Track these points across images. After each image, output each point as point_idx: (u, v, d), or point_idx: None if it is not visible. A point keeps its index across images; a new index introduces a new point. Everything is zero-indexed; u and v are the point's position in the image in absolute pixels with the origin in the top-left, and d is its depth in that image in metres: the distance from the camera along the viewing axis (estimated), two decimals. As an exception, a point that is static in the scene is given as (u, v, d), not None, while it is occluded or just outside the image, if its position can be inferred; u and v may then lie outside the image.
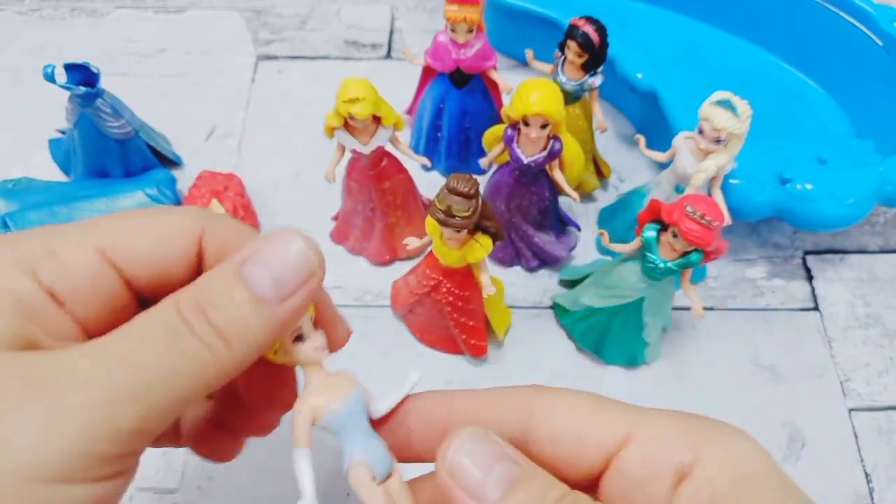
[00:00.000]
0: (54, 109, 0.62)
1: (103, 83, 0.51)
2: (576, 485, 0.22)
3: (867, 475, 0.45)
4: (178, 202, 0.54)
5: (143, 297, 0.23)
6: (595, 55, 0.48)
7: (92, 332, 0.22)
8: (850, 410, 0.47)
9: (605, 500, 0.22)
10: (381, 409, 0.25)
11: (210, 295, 0.20)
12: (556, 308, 0.50)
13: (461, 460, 0.21)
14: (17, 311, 0.20)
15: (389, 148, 0.47)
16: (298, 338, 0.23)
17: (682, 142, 0.46)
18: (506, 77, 0.52)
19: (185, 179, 0.56)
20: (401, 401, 0.25)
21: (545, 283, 0.53)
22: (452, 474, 0.21)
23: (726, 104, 0.42)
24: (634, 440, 0.21)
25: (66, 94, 0.52)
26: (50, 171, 0.58)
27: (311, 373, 0.24)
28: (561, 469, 0.22)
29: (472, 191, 0.37)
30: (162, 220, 0.23)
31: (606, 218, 0.55)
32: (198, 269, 0.24)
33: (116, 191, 0.52)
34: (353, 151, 0.46)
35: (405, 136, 0.59)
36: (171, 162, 0.58)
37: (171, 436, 0.28)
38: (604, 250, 0.53)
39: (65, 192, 0.51)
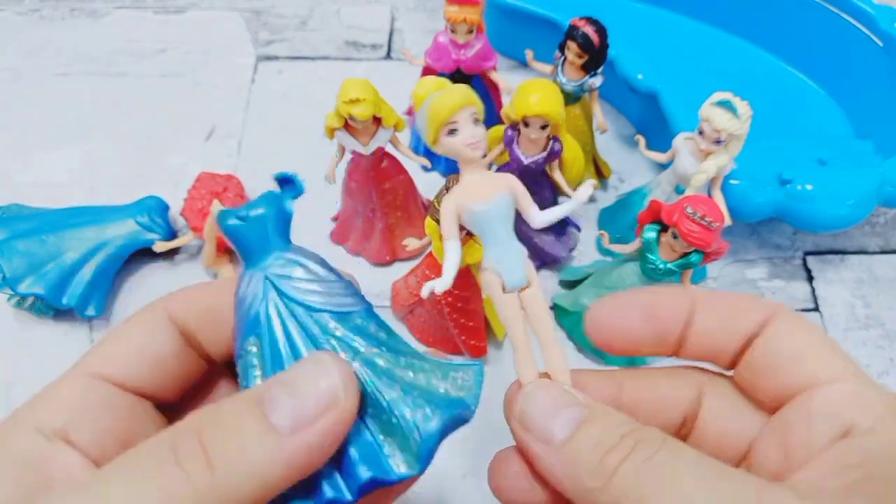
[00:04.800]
0: (54, 109, 0.62)
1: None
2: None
3: (867, 476, 0.45)
4: (169, 230, 0.52)
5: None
6: (595, 56, 0.48)
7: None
8: (850, 411, 0.47)
9: (769, 429, 0.23)
10: (538, 219, 0.26)
11: (217, 415, 0.19)
12: (557, 309, 0.50)
13: (528, 409, 0.22)
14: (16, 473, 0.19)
15: (390, 149, 0.47)
16: (452, 132, 0.24)
17: (683, 142, 0.46)
18: (506, 78, 0.52)
19: (176, 206, 0.54)
20: (566, 212, 0.26)
21: (545, 284, 0.53)
22: (522, 423, 0.22)
23: (726, 105, 0.42)
24: (836, 384, 0.21)
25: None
26: (49, 171, 0.58)
27: (466, 170, 0.25)
28: (760, 382, 0.23)
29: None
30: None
31: (607, 218, 0.55)
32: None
33: (106, 219, 0.51)
34: (354, 152, 0.46)
35: (405, 136, 0.59)
36: None
37: None
38: (604, 251, 0.53)
39: (54, 220, 0.50)
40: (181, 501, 0.17)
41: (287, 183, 0.25)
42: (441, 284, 0.26)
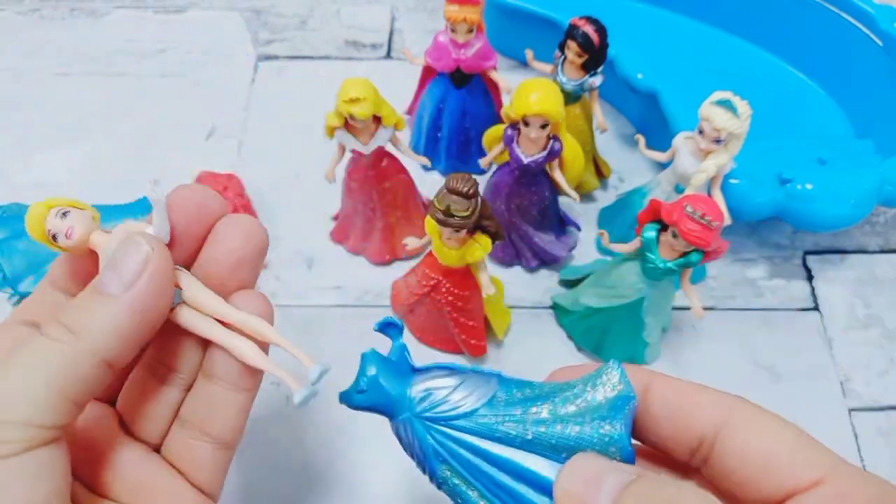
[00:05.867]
0: (54, 109, 0.62)
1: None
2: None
3: (867, 475, 0.45)
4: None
5: None
6: (595, 55, 0.48)
7: None
8: (850, 411, 0.47)
9: None
10: (154, 232, 0.26)
11: (65, 306, 0.24)
12: (556, 308, 0.50)
13: (571, 481, 0.22)
14: None
15: (390, 148, 0.47)
16: (55, 237, 0.26)
17: (682, 142, 0.46)
18: (506, 77, 0.52)
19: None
20: (162, 214, 0.27)
21: (545, 283, 0.53)
22: (565, 500, 0.22)
23: (726, 104, 0.42)
24: (821, 488, 0.20)
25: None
26: (49, 172, 0.58)
27: (99, 252, 0.26)
28: (737, 489, 0.22)
29: (472, 191, 0.37)
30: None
31: (607, 218, 0.55)
32: None
33: (107, 218, 0.50)
34: (354, 151, 0.46)
35: (405, 136, 0.59)
36: None
37: None
38: (604, 250, 0.53)
39: None
40: (58, 359, 0.22)
41: (388, 327, 0.27)
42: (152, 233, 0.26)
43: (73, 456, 0.25)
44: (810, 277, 0.53)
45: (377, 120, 0.44)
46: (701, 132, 0.44)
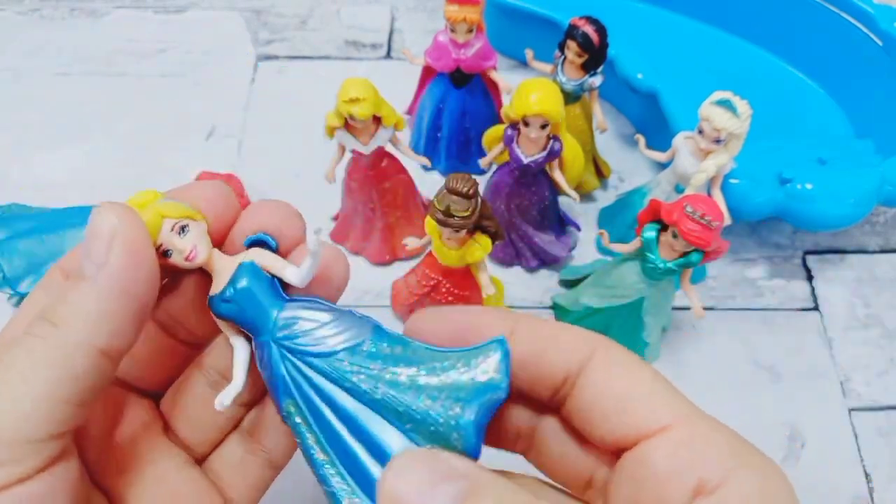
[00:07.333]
0: (54, 109, 0.62)
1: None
2: (598, 448, 0.22)
3: (867, 475, 0.45)
4: None
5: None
6: (595, 55, 0.48)
7: None
8: (850, 410, 0.47)
9: (615, 481, 0.22)
10: (296, 277, 0.24)
11: (50, 300, 0.22)
12: (556, 308, 0.50)
13: (400, 488, 0.20)
14: None
15: (390, 148, 0.47)
16: (166, 253, 0.24)
17: (682, 142, 0.46)
18: (506, 77, 0.52)
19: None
20: (316, 264, 0.24)
21: (545, 283, 0.53)
22: None
23: (726, 104, 0.42)
24: (670, 433, 0.21)
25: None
26: (49, 172, 0.58)
27: (214, 276, 0.25)
28: (591, 431, 0.22)
29: (471, 191, 0.37)
30: None
31: (606, 218, 0.55)
32: None
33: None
34: (354, 151, 0.46)
35: (405, 136, 0.59)
36: None
37: None
38: (604, 250, 0.53)
39: (54, 219, 0.50)
40: (42, 353, 0.20)
41: (259, 244, 0.25)
42: (232, 390, 0.24)
43: (102, 458, 0.24)
44: (810, 277, 0.53)
45: (377, 120, 0.44)
46: (701, 132, 0.44)
